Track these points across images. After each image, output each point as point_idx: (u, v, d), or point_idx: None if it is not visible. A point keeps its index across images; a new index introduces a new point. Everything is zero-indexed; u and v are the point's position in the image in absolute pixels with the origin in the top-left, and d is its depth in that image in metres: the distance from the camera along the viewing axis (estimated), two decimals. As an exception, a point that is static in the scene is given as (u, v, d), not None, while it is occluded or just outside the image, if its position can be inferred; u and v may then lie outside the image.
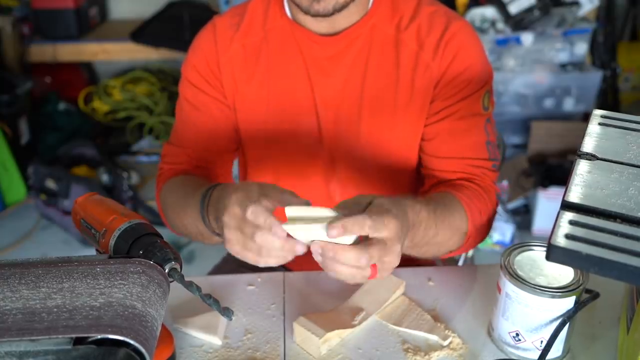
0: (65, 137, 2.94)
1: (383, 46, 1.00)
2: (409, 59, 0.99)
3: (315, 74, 1.01)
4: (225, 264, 1.25)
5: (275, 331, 0.86)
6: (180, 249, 2.47)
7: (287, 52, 1.02)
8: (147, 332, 0.57)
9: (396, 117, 1.01)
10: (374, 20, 1.00)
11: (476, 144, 1.01)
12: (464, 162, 1.00)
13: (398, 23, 1.00)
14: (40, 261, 0.66)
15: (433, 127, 1.01)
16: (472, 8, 2.59)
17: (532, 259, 0.82)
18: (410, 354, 0.81)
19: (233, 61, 1.04)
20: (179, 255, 0.70)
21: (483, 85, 1.00)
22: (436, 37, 0.98)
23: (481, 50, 1.02)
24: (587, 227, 0.58)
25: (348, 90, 1.01)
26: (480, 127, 1.01)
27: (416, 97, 1.00)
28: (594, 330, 0.86)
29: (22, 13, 2.94)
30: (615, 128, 0.77)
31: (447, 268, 1.02)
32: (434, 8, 1.01)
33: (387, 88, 1.00)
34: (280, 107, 1.03)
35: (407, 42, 0.99)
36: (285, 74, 1.02)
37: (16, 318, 0.57)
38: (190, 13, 2.90)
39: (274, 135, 1.05)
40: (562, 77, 2.65)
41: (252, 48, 1.03)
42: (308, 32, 1.00)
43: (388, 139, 1.02)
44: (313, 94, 1.02)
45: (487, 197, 0.98)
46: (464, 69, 0.98)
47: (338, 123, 1.03)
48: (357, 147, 1.04)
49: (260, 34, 1.03)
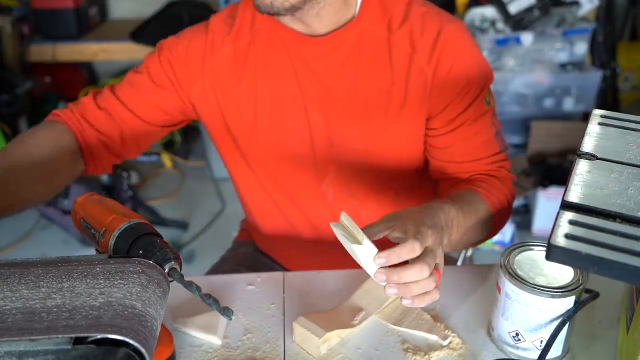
0: (65, 137, 2.94)
1: (375, 49, 0.98)
2: (402, 61, 0.98)
3: (304, 75, 1.00)
4: (223, 263, 1.26)
5: (275, 331, 0.86)
6: (180, 249, 2.48)
7: (274, 52, 1.01)
8: (147, 332, 0.57)
9: (389, 119, 1.00)
10: (364, 23, 0.98)
11: (488, 142, 1.03)
12: (479, 162, 1.03)
13: (389, 24, 0.98)
14: (40, 261, 0.66)
15: (448, 136, 1.01)
16: (472, 8, 2.58)
17: (532, 259, 0.82)
18: (410, 354, 0.81)
19: (223, 63, 1.03)
20: (179, 255, 0.70)
21: (484, 85, 1.01)
22: (430, 41, 0.97)
23: (477, 51, 1.01)
24: (587, 227, 0.58)
25: (338, 93, 1.00)
26: (488, 123, 1.02)
27: (410, 100, 0.99)
28: (594, 330, 0.86)
29: (22, 13, 2.94)
30: (615, 128, 0.77)
31: (447, 268, 1.02)
32: (426, 9, 1.00)
33: (380, 91, 0.99)
34: (269, 108, 1.03)
35: (399, 44, 0.98)
36: (273, 75, 1.01)
37: (16, 318, 0.57)
38: (190, 13, 2.89)
39: (264, 136, 1.04)
40: (562, 77, 2.65)
41: (242, 49, 1.02)
42: (295, 33, 0.99)
43: (381, 141, 1.02)
44: (302, 96, 1.01)
45: (503, 185, 1.02)
46: (464, 76, 0.98)
47: (329, 125, 1.02)
48: (350, 149, 1.03)
49: (249, 36, 1.02)
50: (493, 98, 1.04)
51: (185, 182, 3.03)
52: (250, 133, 1.05)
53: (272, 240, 1.20)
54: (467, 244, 1.04)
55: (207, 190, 2.87)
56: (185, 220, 2.68)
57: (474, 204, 0.94)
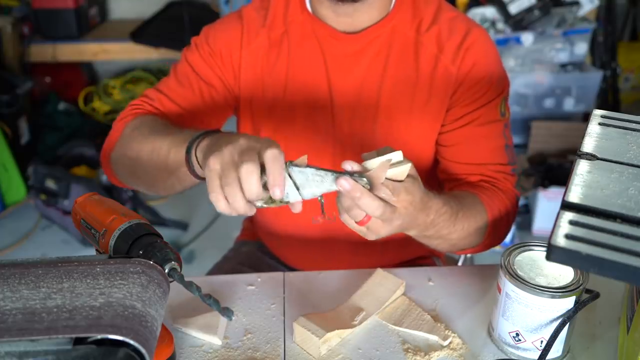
0: (65, 137, 2.94)
1: (403, 47, 1.01)
2: (428, 61, 1.00)
3: (334, 71, 1.02)
4: (225, 262, 1.26)
5: (275, 331, 0.86)
6: (180, 249, 2.48)
7: (306, 47, 1.03)
8: (147, 332, 0.57)
9: (412, 118, 1.02)
10: (395, 22, 1.01)
11: (495, 149, 1.02)
12: (484, 167, 1.02)
13: (418, 26, 1.02)
14: (40, 261, 0.66)
15: (454, 133, 1.02)
16: (472, 8, 2.59)
17: (532, 259, 0.82)
18: (410, 354, 0.81)
19: (257, 52, 1.04)
20: (179, 255, 0.70)
21: (500, 92, 1.02)
22: (456, 42, 1.00)
23: (498, 58, 1.04)
24: (587, 227, 0.58)
25: (365, 89, 1.02)
26: (499, 132, 1.02)
27: (434, 99, 1.01)
28: (594, 330, 0.86)
29: (22, 13, 2.94)
30: (615, 128, 0.77)
31: (447, 268, 1.02)
32: (455, 14, 1.04)
33: (405, 89, 1.01)
34: (296, 101, 1.04)
35: (426, 44, 1.01)
36: (303, 69, 1.03)
37: (16, 318, 0.57)
38: (190, 13, 2.89)
39: (288, 128, 1.05)
40: (562, 77, 2.65)
41: (275, 40, 1.04)
42: (329, 28, 1.01)
43: (403, 139, 1.03)
44: (330, 91, 1.03)
45: (507, 199, 1.00)
46: (483, 76, 1.00)
47: (353, 121, 1.03)
48: (372, 146, 1.04)
49: (282, 27, 1.04)
50: (509, 112, 1.05)
51: (185, 182, 3.03)
52: (275, 123, 1.06)
53: (278, 238, 1.19)
54: (450, 247, 0.95)
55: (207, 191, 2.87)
56: (185, 220, 2.68)
57: (472, 210, 0.92)
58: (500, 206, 0.98)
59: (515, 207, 1.03)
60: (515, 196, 1.03)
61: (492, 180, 1.01)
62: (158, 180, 0.94)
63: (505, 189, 1.01)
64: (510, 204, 1.00)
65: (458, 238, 0.91)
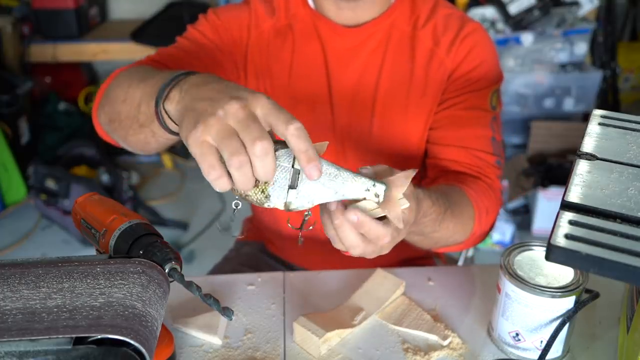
0: (65, 137, 2.95)
1: (400, 42, 1.03)
2: (423, 54, 1.03)
3: (333, 64, 1.04)
4: (226, 263, 1.26)
5: (275, 331, 0.86)
6: (180, 249, 2.48)
7: (307, 40, 1.04)
8: (147, 332, 0.57)
9: (408, 110, 1.03)
10: (394, 17, 1.04)
11: (480, 137, 1.02)
12: (468, 151, 1.00)
13: (415, 22, 1.04)
14: (40, 261, 0.66)
15: (438, 115, 1.03)
16: (472, 8, 2.59)
17: (532, 259, 0.82)
18: (410, 354, 0.81)
19: (265, 36, 1.06)
20: (179, 255, 0.70)
21: (492, 84, 1.03)
22: (451, 36, 1.03)
23: (493, 52, 1.06)
24: (587, 227, 0.58)
25: (364, 83, 1.04)
26: (486, 122, 1.02)
27: (429, 92, 1.02)
28: (594, 330, 0.86)
29: (22, 13, 2.94)
30: (615, 128, 0.77)
31: (447, 268, 1.02)
32: (451, 11, 1.06)
33: (402, 82, 1.03)
34: (296, 93, 1.05)
35: (423, 39, 1.03)
36: (303, 62, 1.05)
37: (16, 318, 0.57)
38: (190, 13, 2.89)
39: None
40: (562, 77, 2.65)
41: (281, 30, 1.06)
42: (330, 22, 1.03)
43: (399, 131, 1.04)
44: (329, 84, 1.04)
45: (494, 196, 1.00)
46: (475, 66, 1.02)
47: (351, 114, 1.05)
48: (369, 138, 1.06)
49: (286, 20, 1.06)
50: (500, 106, 1.06)
51: (185, 182, 3.03)
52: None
53: (280, 237, 1.19)
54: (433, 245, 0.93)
55: (207, 190, 2.87)
56: (185, 220, 2.68)
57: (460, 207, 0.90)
58: (487, 203, 0.96)
59: (500, 201, 1.03)
60: (499, 190, 1.03)
61: (476, 169, 1.00)
62: (130, 134, 0.83)
63: (492, 184, 1.00)
64: (497, 200, 1.00)
65: (441, 237, 0.90)
